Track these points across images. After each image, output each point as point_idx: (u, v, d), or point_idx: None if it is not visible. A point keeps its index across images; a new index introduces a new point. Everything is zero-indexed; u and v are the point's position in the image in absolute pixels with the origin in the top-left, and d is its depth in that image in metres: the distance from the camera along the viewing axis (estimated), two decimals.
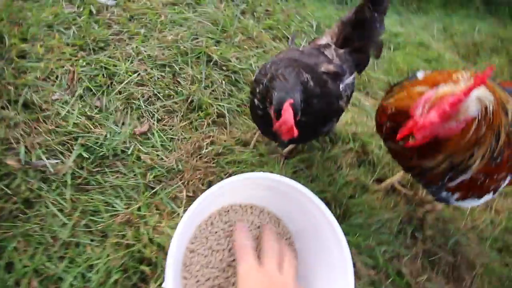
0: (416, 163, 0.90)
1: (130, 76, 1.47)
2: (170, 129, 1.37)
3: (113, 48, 1.58)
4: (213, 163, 1.30)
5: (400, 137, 0.78)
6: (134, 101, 1.40)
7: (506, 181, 0.94)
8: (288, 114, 0.73)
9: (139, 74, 1.49)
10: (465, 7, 2.92)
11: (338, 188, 1.36)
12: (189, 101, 1.45)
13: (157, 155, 1.27)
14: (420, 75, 0.94)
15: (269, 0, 2.22)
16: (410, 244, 1.32)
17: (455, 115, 0.70)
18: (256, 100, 0.93)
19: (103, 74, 1.44)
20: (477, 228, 1.44)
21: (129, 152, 1.24)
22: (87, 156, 1.19)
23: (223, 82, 1.58)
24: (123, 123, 1.33)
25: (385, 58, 2.11)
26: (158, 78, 1.50)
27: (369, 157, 1.53)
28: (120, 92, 1.41)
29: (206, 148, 1.32)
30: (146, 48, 1.60)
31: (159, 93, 1.45)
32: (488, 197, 0.96)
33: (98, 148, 1.22)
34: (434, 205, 1.38)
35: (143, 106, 1.39)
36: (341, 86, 1.02)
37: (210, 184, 1.24)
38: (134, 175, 1.21)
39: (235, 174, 0.70)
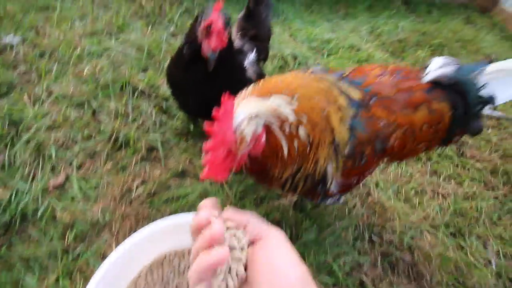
0: (276, 186, 0.83)
1: (40, 120, 1.29)
2: (93, 174, 1.21)
3: (19, 91, 1.39)
4: (145, 204, 1.16)
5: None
6: (46, 150, 1.22)
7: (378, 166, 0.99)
8: (217, 17, 0.80)
9: (51, 117, 1.31)
10: (387, 9, 3.15)
11: (286, 207, 1.29)
12: (113, 139, 1.30)
13: (78, 209, 1.10)
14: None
15: None
16: (368, 249, 1.29)
17: (234, 148, 0.62)
18: (185, 48, 0.97)
19: (5, 123, 1.25)
20: (428, 217, 1.46)
21: (41, 212, 1.06)
22: None
23: (153, 111, 1.46)
24: (33, 178, 1.15)
25: (321, 64, 2.16)
26: (75, 118, 1.34)
27: None
28: (28, 141, 1.22)
29: (137, 190, 1.18)
30: (59, 86, 1.44)
31: (76, 135, 1.28)
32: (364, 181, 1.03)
33: (0, 214, 1.02)
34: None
35: (58, 154, 1.22)
36: (246, 61, 1.21)
37: None
38: (50, 239, 1.02)
39: (173, 214, 0.59)
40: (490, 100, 0.92)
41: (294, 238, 1.20)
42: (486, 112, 0.96)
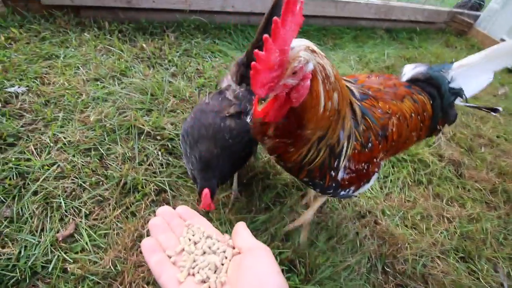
0: (295, 157, 0.87)
1: (48, 170, 1.29)
2: (102, 222, 1.20)
3: (26, 141, 1.40)
4: None
5: (256, 114, 0.79)
6: (54, 200, 1.21)
7: (383, 160, 1.07)
8: (206, 198, 1.00)
9: (58, 165, 1.32)
10: (372, 38, 3.37)
11: (297, 241, 1.29)
12: (121, 184, 1.31)
13: (89, 260, 1.08)
14: None
15: (198, 59, 2.27)
16: (383, 281, 1.28)
17: (285, 62, 0.66)
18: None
19: (12, 175, 1.25)
20: (437, 243, 1.47)
21: (51, 267, 1.03)
22: None
23: (159, 153, 1.49)
24: (42, 230, 1.13)
25: None
26: (82, 165, 1.35)
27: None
28: (36, 193, 1.22)
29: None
30: (65, 133, 1.46)
31: (84, 182, 1.29)
32: (375, 176, 1.07)
33: (9, 273, 0.99)
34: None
35: (66, 203, 1.21)
36: (248, 118, 1.18)
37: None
38: None
39: None
40: (460, 92, 1.12)
41: (308, 276, 1.19)
42: (459, 103, 1.16)
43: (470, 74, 1.14)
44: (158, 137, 1.56)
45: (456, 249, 1.48)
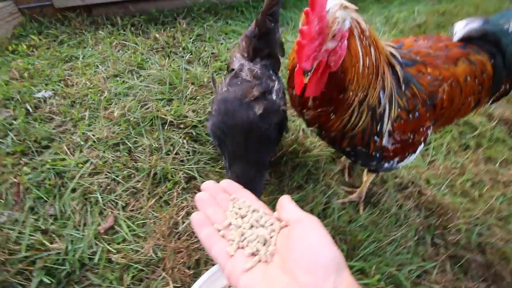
0: (338, 124, 0.83)
1: (82, 167, 1.33)
2: (139, 213, 1.22)
3: (59, 142, 1.45)
4: (194, 237, 1.14)
5: (299, 90, 0.77)
6: (91, 195, 1.25)
7: (430, 129, 0.98)
8: None
9: (91, 162, 1.35)
10: None
11: (336, 216, 1.23)
12: (152, 174, 1.31)
13: (131, 249, 1.11)
14: None
15: (212, 43, 2.20)
16: (432, 254, 1.19)
17: (324, 28, 0.65)
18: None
19: (51, 176, 1.30)
20: (493, 210, 1.33)
21: (97, 258, 1.07)
22: (49, 282, 1.01)
23: (184, 141, 1.47)
24: (84, 224, 1.17)
25: None
26: (113, 160, 1.37)
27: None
28: (74, 190, 1.27)
29: (183, 222, 1.18)
30: (93, 131, 1.49)
31: (117, 176, 1.31)
32: (421, 147, 0.99)
33: (60, 266, 1.05)
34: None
35: (103, 198, 1.24)
36: (273, 96, 1.12)
37: (198, 264, 1.08)
38: (110, 282, 1.03)
39: None
40: None
41: (350, 254, 1.13)
42: None
43: None
44: (182, 126, 1.55)
45: None
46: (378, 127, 0.85)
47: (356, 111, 0.81)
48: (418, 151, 0.99)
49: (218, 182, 0.59)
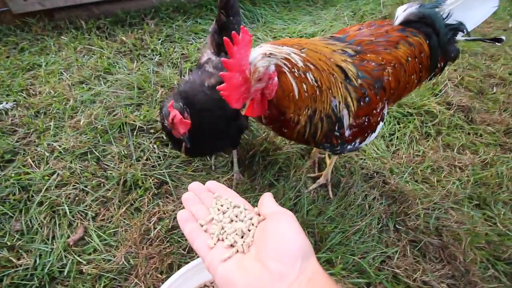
0: (295, 135, 0.91)
1: (48, 180, 1.31)
2: (110, 221, 1.22)
3: (23, 155, 1.41)
4: (166, 242, 1.16)
5: (245, 113, 0.84)
6: (59, 207, 1.23)
7: (386, 108, 1.06)
8: (172, 111, 0.95)
9: (58, 174, 1.33)
10: None
11: (306, 210, 1.28)
12: (122, 182, 1.31)
13: (102, 259, 1.11)
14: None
15: (182, 43, 2.18)
16: (395, 240, 1.27)
17: (247, 78, 0.72)
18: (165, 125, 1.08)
19: (16, 190, 1.27)
20: (450, 194, 1.43)
21: (67, 270, 1.07)
22: None
23: (155, 146, 1.47)
24: (53, 238, 1.16)
25: None
26: (81, 170, 1.36)
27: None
28: (41, 203, 1.25)
29: (155, 228, 1.19)
30: (59, 141, 1.46)
31: (86, 187, 1.30)
32: (380, 125, 1.06)
33: (28, 282, 1.04)
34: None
35: (72, 209, 1.23)
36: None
37: (171, 268, 1.10)
38: None
39: None
40: (459, 26, 1.06)
41: (319, 245, 1.19)
42: (460, 38, 1.10)
43: (470, 5, 1.05)
44: (152, 131, 1.54)
45: (470, 197, 1.43)
46: (338, 127, 0.92)
47: (309, 124, 0.87)
48: (378, 130, 1.07)
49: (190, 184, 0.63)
